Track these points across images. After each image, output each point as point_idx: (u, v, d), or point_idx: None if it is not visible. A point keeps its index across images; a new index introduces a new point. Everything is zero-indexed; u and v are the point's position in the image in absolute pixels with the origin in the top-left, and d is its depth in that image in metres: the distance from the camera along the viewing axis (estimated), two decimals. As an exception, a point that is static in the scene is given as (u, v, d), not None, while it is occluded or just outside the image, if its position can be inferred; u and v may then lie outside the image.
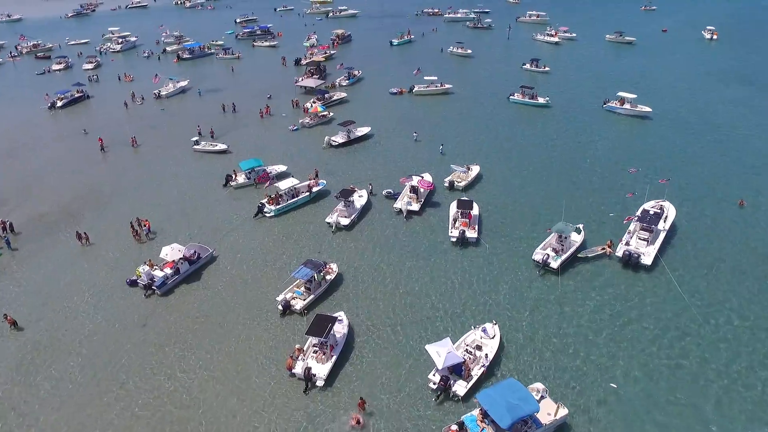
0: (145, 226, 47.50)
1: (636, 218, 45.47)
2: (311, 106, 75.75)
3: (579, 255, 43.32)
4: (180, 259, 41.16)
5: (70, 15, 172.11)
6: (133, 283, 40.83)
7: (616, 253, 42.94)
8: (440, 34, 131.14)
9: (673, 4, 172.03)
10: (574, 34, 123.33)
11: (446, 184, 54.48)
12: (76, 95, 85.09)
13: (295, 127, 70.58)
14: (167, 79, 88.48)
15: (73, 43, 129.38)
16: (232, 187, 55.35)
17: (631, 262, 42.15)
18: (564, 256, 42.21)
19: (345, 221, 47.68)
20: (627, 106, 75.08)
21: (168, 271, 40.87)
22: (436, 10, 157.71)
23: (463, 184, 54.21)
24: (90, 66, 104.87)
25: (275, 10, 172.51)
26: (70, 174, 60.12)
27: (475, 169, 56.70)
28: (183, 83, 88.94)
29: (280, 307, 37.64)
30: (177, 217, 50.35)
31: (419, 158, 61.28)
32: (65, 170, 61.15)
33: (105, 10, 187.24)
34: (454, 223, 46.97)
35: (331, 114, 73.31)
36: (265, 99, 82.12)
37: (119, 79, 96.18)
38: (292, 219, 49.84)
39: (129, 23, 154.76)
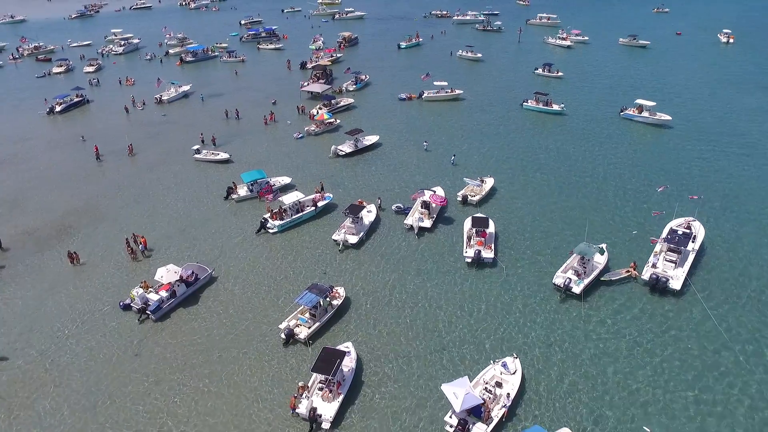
0: (141, 243, 44.85)
1: (663, 239, 42.57)
2: (317, 112, 73.11)
3: (602, 278, 40.47)
4: (176, 281, 38.48)
5: (73, 16, 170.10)
6: (127, 307, 38.21)
7: (642, 276, 40.07)
8: (449, 36, 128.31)
9: (686, 6, 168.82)
10: (587, 38, 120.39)
11: (459, 198, 51.65)
12: (76, 100, 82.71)
13: (300, 135, 67.92)
14: (169, 83, 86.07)
15: (75, 45, 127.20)
16: (233, 200, 52.70)
17: (658, 286, 39.26)
18: (587, 281, 39.38)
19: (353, 239, 44.93)
20: (645, 114, 72.10)
21: (163, 293, 38.23)
22: (444, 12, 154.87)
23: (477, 198, 51.36)
24: (91, 69, 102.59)
25: (282, 11, 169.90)
26: (64, 185, 57.60)
27: (489, 182, 53.86)
28: (185, 87, 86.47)
29: (283, 335, 34.92)
30: (175, 233, 47.72)
31: (430, 169, 58.48)
32: (59, 181, 58.63)
33: (109, 11, 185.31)
34: (469, 241, 44.19)
35: (338, 121, 70.60)
36: (270, 105, 79.53)
37: (120, 83, 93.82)
38: (296, 235, 47.13)
39: (132, 25, 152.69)
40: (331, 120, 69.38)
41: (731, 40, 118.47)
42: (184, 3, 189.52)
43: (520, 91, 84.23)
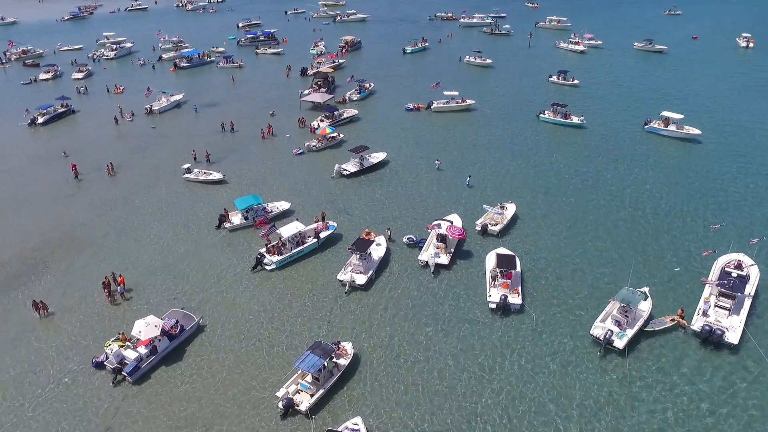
0: (119, 283, 39.51)
1: (714, 282, 37.28)
2: (318, 126, 67.81)
3: (645, 328, 35.21)
4: (157, 336, 33.16)
5: (66, 18, 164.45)
6: (100, 365, 32.91)
7: (692, 327, 34.84)
8: (456, 40, 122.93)
9: (698, 8, 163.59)
10: (600, 42, 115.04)
11: (478, 228, 46.32)
12: (60, 110, 77.32)
13: (300, 151, 62.59)
14: (160, 92, 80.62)
15: (65, 48, 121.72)
16: (226, 229, 47.35)
17: (711, 339, 34.03)
18: (630, 333, 34.15)
19: (361, 279, 39.62)
20: (672, 127, 66.81)
21: (142, 350, 32.92)
22: (450, 15, 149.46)
23: (498, 227, 46.03)
24: (80, 75, 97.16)
25: (286, 12, 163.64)
26: (39, 209, 52.26)
27: (511, 209, 48.53)
28: (177, 97, 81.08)
29: (281, 405, 29.62)
30: (159, 268, 42.40)
31: (443, 192, 53.14)
32: (35, 204, 53.29)
33: (103, 12, 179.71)
34: (493, 282, 38.88)
35: (341, 135, 65.24)
36: (268, 116, 74.19)
37: (108, 91, 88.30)
38: (296, 273, 41.80)
39: (127, 27, 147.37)
40: (334, 134, 64.04)
41: (751, 45, 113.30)
42: (180, 4, 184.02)
43: (535, 101, 78.97)
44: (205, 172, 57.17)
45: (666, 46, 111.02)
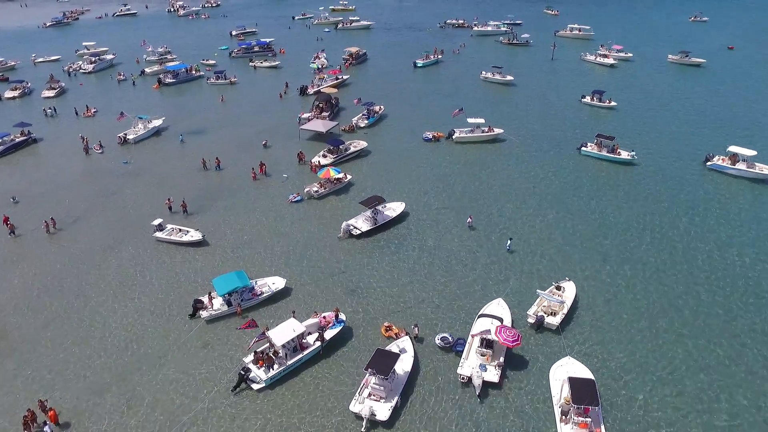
0: (48, 418, 28.44)
1: None
2: (320, 162, 56.94)
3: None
4: None
5: (48, 24, 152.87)
6: None
7: None
8: (470, 51, 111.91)
9: (724, 14, 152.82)
10: (630, 55, 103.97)
11: (531, 320, 35.33)
12: (19, 139, 66.21)
13: (298, 198, 51.62)
14: (135, 117, 69.30)
15: (40, 60, 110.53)
16: (202, 320, 36.26)
17: None
18: None
19: (383, 412, 28.69)
20: (741, 165, 55.94)
21: None
22: (461, 22, 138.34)
23: (557, 319, 35.07)
24: (51, 93, 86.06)
25: (293, 18, 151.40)
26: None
27: (569, 290, 37.61)
28: (157, 122, 69.97)
29: None
30: (107, 386, 31.40)
31: (480, 261, 42.14)
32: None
33: (89, 18, 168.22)
34: (564, 417, 27.87)
35: (348, 178, 54.12)
36: (260, 147, 63.16)
37: (77, 114, 77.03)
38: (293, 394, 30.81)
39: (112, 35, 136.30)
40: (340, 176, 52.95)
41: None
42: (172, 9, 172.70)
43: (571, 129, 68.31)
44: (180, 230, 46.06)
45: (704, 59, 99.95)
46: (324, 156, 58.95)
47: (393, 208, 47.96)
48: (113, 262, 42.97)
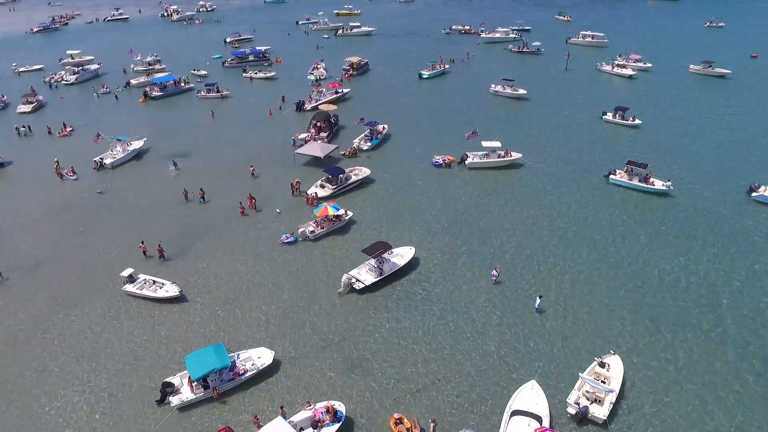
0: None
1: None
2: (316, 195, 50.56)
3: None
4: None
5: (35, 30, 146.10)
6: None
7: None
8: (478, 60, 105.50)
9: (742, 20, 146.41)
10: (650, 65, 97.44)
11: (571, 411, 28.79)
12: (-17, 165, 59.76)
13: (291, 239, 45.08)
14: (113, 139, 62.69)
15: (23, 69, 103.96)
16: (173, 409, 29.69)
17: None
18: None
19: None
20: (794, 197, 49.49)
21: None
22: (467, 28, 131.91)
23: (605, 410, 28.52)
24: (27, 108, 79.52)
25: (297, 23, 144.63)
26: None
27: (616, 368, 31.12)
28: (137, 144, 63.50)
29: None
30: None
31: (507, 326, 35.56)
32: None
33: (79, 23, 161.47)
34: None
35: (349, 215, 47.50)
36: (249, 176, 56.66)
37: (50, 133, 70.47)
38: None
39: (102, 41, 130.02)
40: (339, 213, 46.40)
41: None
42: (166, 14, 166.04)
43: (593, 151, 62.14)
44: (155, 282, 39.52)
45: (728, 69, 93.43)
46: (322, 186, 52.46)
47: (401, 255, 41.42)
48: (72, 325, 36.45)
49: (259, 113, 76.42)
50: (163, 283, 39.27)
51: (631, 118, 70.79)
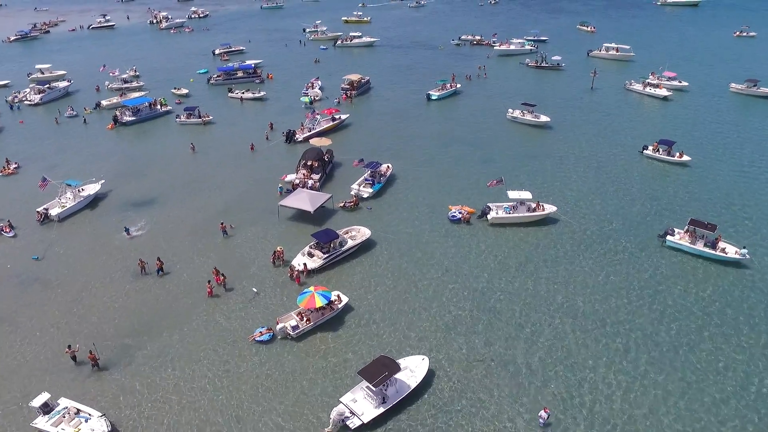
0: None
1: None
2: (305, 266, 40.02)
3: None
4: None
5: (12, 39, 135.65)
6: None
7: None
8: (492, 77, 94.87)
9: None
10: (686, 83, 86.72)
11: None
12: None
13: (266, 335, 34.55)
14: (63, 184, 52.11)
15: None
16: None
17: None
18: None
19: None
20: None
21: None
22: (478, 38, 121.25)
23: None
24: (-22, 137, 69.14)
25: (304, 30, 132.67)
26: None
27: None
28: (92, 189, 53.10)
29: None
30: None
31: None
32: None
33: (62, 31, 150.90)
34: None
35: (341, 305, 36.82)
36: (221, 234, 46.13)
37: (-7, 171, 60.34)
38: None
39: (81, 52, 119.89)
40: (333, 300, 35.82)
41: None
42: (154, 21, 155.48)
43: (640, 200, 51.46)
44: (78, 412, 29.09)
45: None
46: (310, 255, 41.84)
47: (411, 370, 30.85)
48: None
49: (244, 145, 65.80)
50: (88, 414, 28.80)
51: (677, 154, 60.16)
